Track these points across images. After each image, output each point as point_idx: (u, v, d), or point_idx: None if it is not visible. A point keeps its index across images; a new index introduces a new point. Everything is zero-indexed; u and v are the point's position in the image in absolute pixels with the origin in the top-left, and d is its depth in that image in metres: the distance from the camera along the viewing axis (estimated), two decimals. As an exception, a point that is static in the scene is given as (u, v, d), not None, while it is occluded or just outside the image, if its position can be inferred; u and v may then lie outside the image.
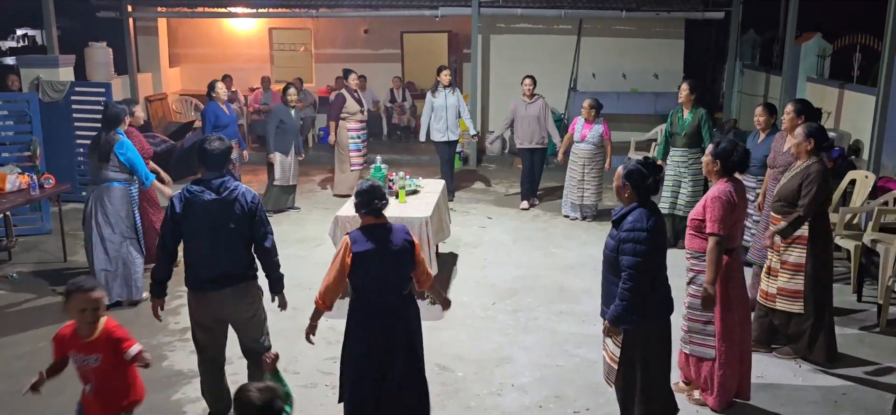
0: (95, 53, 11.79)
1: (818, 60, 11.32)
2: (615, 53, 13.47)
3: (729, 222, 4.41)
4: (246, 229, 4.29)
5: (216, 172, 4.29)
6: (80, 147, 10.09)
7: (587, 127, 8.94)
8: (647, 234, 3.89)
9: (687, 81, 7.93)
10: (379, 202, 4.09)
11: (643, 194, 4.00)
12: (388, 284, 4.05)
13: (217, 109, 8.72)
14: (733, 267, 4.57)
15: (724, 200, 4.42)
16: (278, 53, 15.91)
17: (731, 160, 4.54)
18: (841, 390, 5.07)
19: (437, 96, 9.82)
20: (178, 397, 5.01)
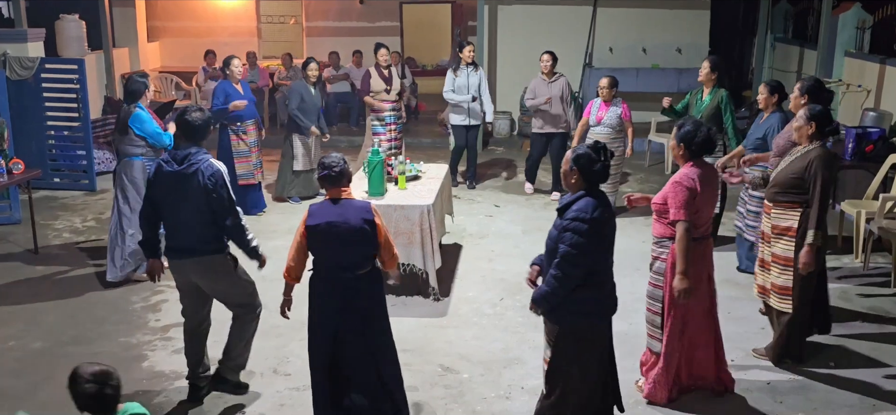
0: (67, 27, 11.78)
1: (857, 33, 11.29)
2: (635, 26, 13.43)
3: (693, 208, 4.53)
4: (204, 204, 4.57)
5: (192, 144, 4.66)
6: (50, 129, 10.13)
7: (604, 108, 8.67)
8: (587, 225, 3.90)
9: (708, 59, 7.79)
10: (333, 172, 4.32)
11: (591, 181, 4.02)
12: (342, 260, 4.29)
13: (229, 88, 8.62)
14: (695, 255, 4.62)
15: (685, 184, 4.54)
16: (266, 26, 15.91)
17: (694, 143, 4.61)
18: (880, 394, 5.09)
19: (459, 75, 9.76)
20: (159, 401, 5.05)
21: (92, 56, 12.18)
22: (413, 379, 5.27)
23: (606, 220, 3.99)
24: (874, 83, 10.03)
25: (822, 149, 5.12)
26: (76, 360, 5.49)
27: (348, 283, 4.30)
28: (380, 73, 9.61)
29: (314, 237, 4.28)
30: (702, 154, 4.65)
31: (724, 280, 6.96)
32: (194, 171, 4.55)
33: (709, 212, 4.68)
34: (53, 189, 10.05)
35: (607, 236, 4.04)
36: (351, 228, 4.23)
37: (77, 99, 9.99)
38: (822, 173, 5.02)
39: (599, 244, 3.99)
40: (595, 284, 4.05)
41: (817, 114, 5.15)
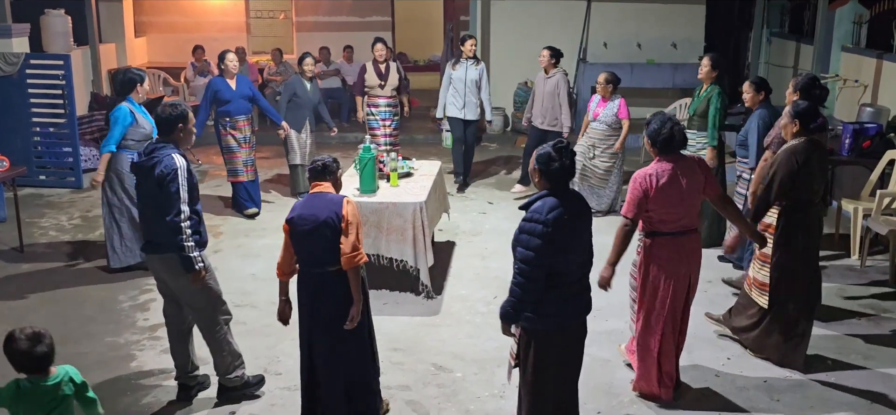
0: (53, 22, 11.74)
1: (854, 28, 11.33)
2: (629, 20, 13.45)
3: (645, 205, 4.60)
4: (159, 199, 4.58)
5: (163, 137, 4.71)
6: (36, 126, 10.09)
7: (601, 104, 8.66)
8: (541, 225, 3.82)
9: (709, 55, 7.70)
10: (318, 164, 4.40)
11: (552, 180, 3.94)
12: (312, 255, 4.30)
13: (218, 83, 8.58)
14: (655, 251, 4.73)
15: (639, 180, 4.62)
16: (255, 21, 15.87)
17: (659, 138, 4.64)
18: (876, 394, 5.11)
19: (458, 69, 9.77)
20: (148, 400, 5.04)
21: (78, 52, 12.13)
22: (405, 378, 5.27)
23: (564, 220, 3.85)
24: (871, 78, 10.06)
25: (792, 146, 5.18)
26: (63, 360, 5.48)
27: (317, 279, 4.30)
28: (375, 68, 9.60)
29: (291, 230, 4.31)
30: (667, 150, 4.65)
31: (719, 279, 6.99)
32: (153, 163, 4.59)
33: (682, 208, 4.66)
34: (39, 186, 10.02)
35: (567, 237, 3.89)
36: (318, 221, 4.22)
37: (63, 95, 9.94)
38: (779, 167, 5.12)
39: (557, 245, 3.85)
40: (557, 287, 3.94)
41: (801, 111, 5.20)
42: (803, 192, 5.19)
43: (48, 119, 10.13)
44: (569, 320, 4.07)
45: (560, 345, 4.08)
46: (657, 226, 4.68)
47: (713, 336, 5.84)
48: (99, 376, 5.30)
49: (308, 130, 9.25)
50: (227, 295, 6.69)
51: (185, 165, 4.60)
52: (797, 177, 5.10)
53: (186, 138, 4.78)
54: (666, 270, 4.74)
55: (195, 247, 4.61)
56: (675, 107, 11.72)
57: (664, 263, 4.73)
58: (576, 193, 4.10)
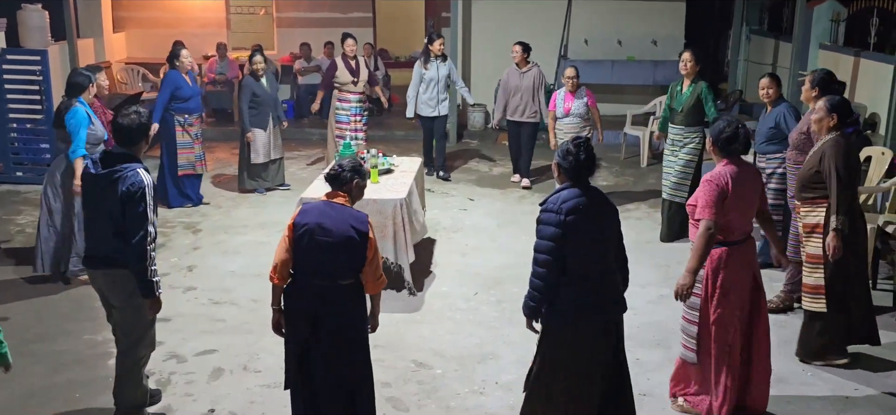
0: (29, 16, 11.59)
1: (832, 26, 11.44)
2: (610, 17, 13.50)
3: (723, 208, 4.38)
4: (119, 215, 4.28)
5: (124, 148, 4.40)
6: (13, 122, 9.99)
7: (570, 99, 8.80)
8: (556, 215, 3.86)
9: (689, 51, 7.74)
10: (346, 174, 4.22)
11: (570, 175, 3.98)
12: (322, 266, 4.04)
13: (178, 79, 8.64)
14: (728, 261, 4.48)
15: (713, 182, 4.43)
16: (236, 17, 15.78)
17: (720, 139, 4.51)
18: (852, 386, 5.17)
19: (429, 68, 9.85)
20: (126, 400, 5.01)
21: (55, 47, 11.99)
22: (386, 375, 5.27)
23: (581, 211, 3.87)
24: (849, 76, 10.16)
25: (834, 138, 5.11)
26: (40, 358, 5.47)
27: (324, 291, 4.05)
28: (346, 64, 9.63)
29: (300, 236, 4.04)
30: (731, 152, 4.51)
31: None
32: (117, 178, 4.27)
33: (745, 214, 4.55)
34: (15, 183, 9.92)
35: (583, 230, 3.88)
36: (339, 233, 4.01)
37: (40, 91, 9.86)
38: (835, 160, 5.02)
39: (573, 238, 3.86)
40: (572, 282, 3.92)
41: (838, 104, 5.14)
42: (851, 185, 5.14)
43: (25, 115, 10.04)
44: (583, 318, 3.99)
45: (572, 344, 4.00)
46: (727, 234, 4.46)
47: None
48: (76, 374, 5.26)
49: (271, 127, 9.33)
50: (207, 292, 6.69)
51: (151, 182, 4.36)
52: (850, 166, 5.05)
53: (145, 150, 4.56)
54: (741, 280, 4.53)
55: (157, 271, 4.38)
56: (654, 103, 11.77)
57: (739, 273, 4.51)
58: (597, 190, 4.07)
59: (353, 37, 9.77)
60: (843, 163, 5.04)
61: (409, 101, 10.07)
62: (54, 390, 5.08)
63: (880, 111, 9.16)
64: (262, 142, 9.27)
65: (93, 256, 4.49)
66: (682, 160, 7.67)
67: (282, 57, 14.99)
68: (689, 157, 7.64)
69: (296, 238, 4.04)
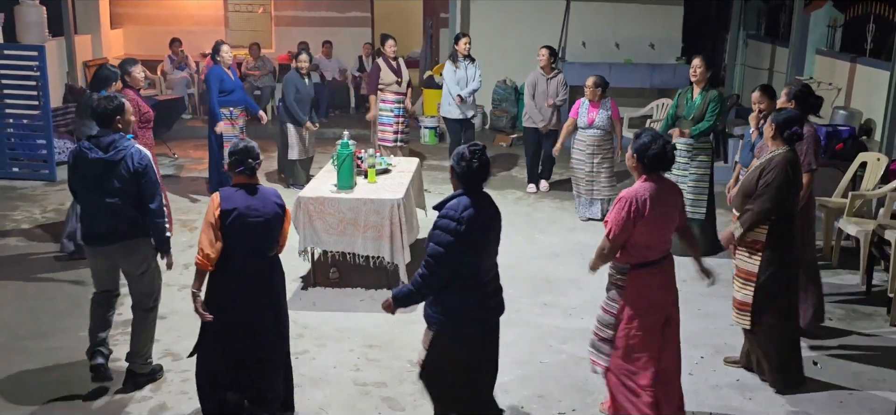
0: (27, 12, 11.58)
1: (828, 31, 11.47)
2: (607, 20, 13.51)
3: (630, 227, 4.23)
4: (132, 189, 4.78)
5: (105, 130, 4.83)
6: (10, 118, 9.97)
7: (593, 109, 8.39)
8: (455, 223, 3.89)
9: (700, 57, 7.36)
10: (253, 162, 4.42)
11: (464, 181, 4.00)
12: (257, 245, 4.40)
13: (221, 73, 8.86)
14: (645, 281, 4.35)
15: (628, 202, 4.23)
16: (234, 15, 15.76)
17: (647, 155, 4.29)
18: (847, 391, 5.18)
19: (459, 67, 9.76)
20: (122, 396, 5.00)
21: (53, 43, 11.98)
22: (382, 375, 5.27)
23: (478, 221, 3.93)
24: (845, 81, 10.19)
25: (786, 154, 4.94)
26: (34, 354, 5.45)
27: (263, 266, 4.46)
28: (389, 65, 9.67)
29: (231, 222, 4.30)
30: (656, 169, 4.32)
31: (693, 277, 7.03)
32: (122, 157, 4.75)
33: (663, 233, 4.38)
34: (12, 179, 9.90)
35: (478, 238, 3.96)
36: (264, 212, 4.38)
37: (37, 87, 9.83)
38: (773, 177, 4.87)
39: (468, 245, 3.92)
40: (462, 289, 4.00)
41: (780, 120, 4.99)
42: (790, 203, 5.01)
43: (22, 111, 10.02)
44: (478, 322, 4.12)
45: (464, 345, 4.11)
46: (643, 254, 4.31)
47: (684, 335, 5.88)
48: (71, 370, 5.25)
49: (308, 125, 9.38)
50: (202, 290, 6.66)
51: (151, 156, 4.92)
52: (790, 188, 4.92)
53: (126, 127, 4.95)
54: (657, 302, 4.40)
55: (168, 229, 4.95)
56: (652, 107, 11.79)
57: (655, 295, 4.38)
58: (488, 196, 4.11)
59: (393, 37, 9.75)
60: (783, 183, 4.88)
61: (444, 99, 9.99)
62: (48, 387, 5.07)
63: (876, 117, 9.19)
64: (298, 138, 9.33)
65: (99, 235, 4.87)
66: (694, 175, 7.34)
67: (280, 55, 14.97)
68: (701, 171, 7.33)
69: (227, 225, 4.31)
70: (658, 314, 4.41)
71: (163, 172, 9.56)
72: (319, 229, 6.40)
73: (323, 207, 6.39)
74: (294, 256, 6.67)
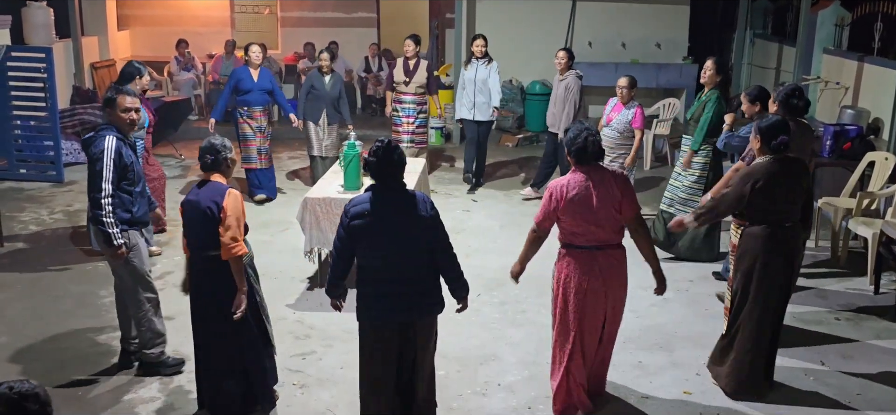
0: (34, 14, 11.63)
1: (836, 30, 11.41)
2: (614, 20, 13.50)
3: (554, 215, 4.51)
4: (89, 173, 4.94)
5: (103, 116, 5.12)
6: (17, 119, 10.00)
7: (617, 110, 8.06)
8: (347, 217, 4.06)
9: (711, 59, 7.30)
10: (209, 158, 4.51)
11: (372, 175, 4.12)
12: (197, 239, 4.51)
13: (241, 73, 9.03)
14: (571, 264, 4.57)
15: (551, 189, 4.52)
16: (240, 16, 15.79)
17: (573, 148, 4.50)
18: (856, 389, 5.16)
19: (468, 69, 9.79)
20: (130, 398, 5.01)
21: (60, 44, 12.03)
22: (388, 376, 5.27)
23: (369, 215, 4.02)
24: (852, 80, 10.15)
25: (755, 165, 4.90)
26: (42, 354, 5.47)
27: (198, 264, 4.54)
28: (404, 65, 9.71)
29: (183, 214, 4.53)
30: (583, 160, 4.49)
31: (700, 277, 7.03)
32: (91, 141, 4.95)
33: (593, 222, 4.47)
34: (19, 180, 9.93)
35: (370, 233, 4.04)
36: (199, 208, 4.41)
37: (44, 88, 9.87)
38: (736, 181, 4.95)
39: (356, 239, 4.06)
40: (368, 282, 4.14)
41: (763, 127, 4.90)
42: (762, 213, 4.86)
43: (29, 112, 10.05)
44: (382, 316, 4.16)
45: (370, 340, 4.22)
46: (570, 238, 4.56)
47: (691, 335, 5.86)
48: (79, 371, 5.26)
49: (325, 122, 9.34)
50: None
51: (114, 146, 4.89)
52: (752, 199, 4.80)
53: (120, 121, 5.03)
54: (577, 283, 4.55)
55: (116, 224, 4.88)
56: (658, 106, 11.76)
57: (575, 276, 4.55)
58: (403, 192, 4.15)
59: (412, 38, 9.67)
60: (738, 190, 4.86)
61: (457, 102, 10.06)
62: (56, 387, 5.08)
63: (884, 116, 9.14)
64: (314, 135, 9.35)
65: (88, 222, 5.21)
66: (691, 177, 7.27)
67: (286, 56, 14.99)
68: (699, 173, 7.23)
69: (182, 215, 4.53)
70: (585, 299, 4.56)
71: (169, 173, 9.59)
72: (326, 230, 6.40)
73: (330, 207, 6.40)
74: (300, 256, 6.68)
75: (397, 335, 4.19)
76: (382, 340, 4.19)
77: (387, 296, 4.11)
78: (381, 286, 4.11)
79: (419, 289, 4.17)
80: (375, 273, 4.11)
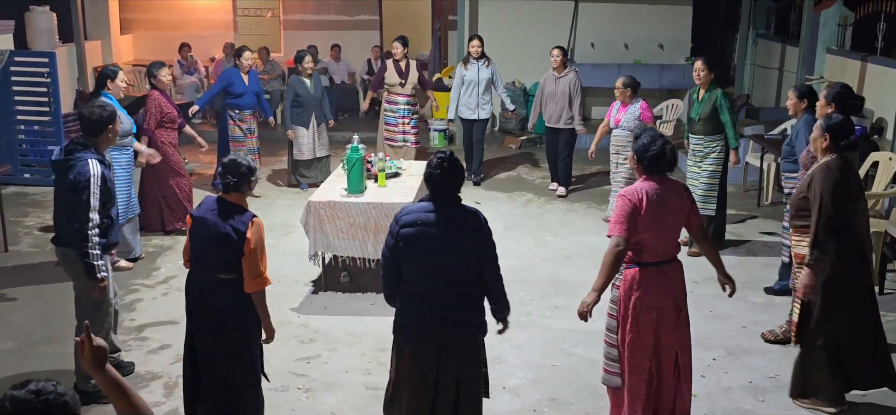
0: (37, 18, 11.65)
1: (839, 30, 11.42)
2: (616, 21, 13.50)
3: (635, 226, 4.15)
4: (67, 199, 4.65)
5: (89, 138, 4.75)
6: (21, 123, 10.02)
7: (622, 110, 8.32)
8: (395, 224, 3.96)
9: (702, 59, 7.46)
10: (230, 179, 4.24)
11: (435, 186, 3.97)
12: (203, 259, 4.29)
13: (233, 76, 9.17)
14: (641, 282, 4.25)
15: (628, 195, 4.21)
16: (242, 19, 15.83)
17: (646, 156, 4.26)
18: (858, 394, 5.15)
19: (469, 69, 9.90)
20: (134, 402, 5.01)
21: (63, 49, 12.05)
22: (393, 379, 5.27)
23: (420, 226, 3.88)
24: (855, 80, 10.14)
25: (826, 163, 4.71)
26: (47, 360, 5.48)
27: (205, 281, 4.27)
28: (396, 67, 9.84)
29: (192, 227, 4.33)
30: (657, 170, 4.27)
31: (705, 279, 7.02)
32: (70, 165, 4.65)
33: (665, 235, 4.28)
34: (23, 185, 9.95)
35: (422, 245, 3.88)
36: (217, 229, 4.18)
37: (48, 93, 9.89)
38: (821, 187, 4.62)
39: (408, 251, 3.90)
40: (407, 295, 4.00)
41: (833, 125, 4.72)
42: (840, 215, 4.66)
43: (33, 117, 10.08)
44: (415, 332, 4.00)
45: (408, 357, 4.02)
46: (638, 254, 4.24)
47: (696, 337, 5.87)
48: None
49: (315, 124, 9.48)
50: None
51: (99, 172, 4.65)
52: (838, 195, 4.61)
53: (111, 141, 4.92)
54: (651, 304, 4.25)
55: (100, 255, 4.69)
56: (661, 107, 11.76)
57: (648, 297, 4.24)
58: (461, 206, 4.01)
59: (401, 40, 9.91)
60: (831, 191, 4.61)
61: (451, 102, 10.18)
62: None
63: (887, 116, 9.15)
64: (305, 140, 9.46)
65: (56, 235, 4.89)
66: (706, 171, 7.42)
67: (288, 60, 15.00)
68: (712, 167, 7.40)
69: (190, 228, 4.31)
70: (656, 318, 4.26)
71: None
72: (330, 234, 6.41)
73: (333, 211, 6.40)
74: (305, 260, 6.69)
75: (433, 354, 3.96)
76: (416, 356, 3.99)
77: (424, 309, 3.96)
78: (418, 299, 3.96)
79: (458, 306, 3.98)
80: (417, 286, 3.95)
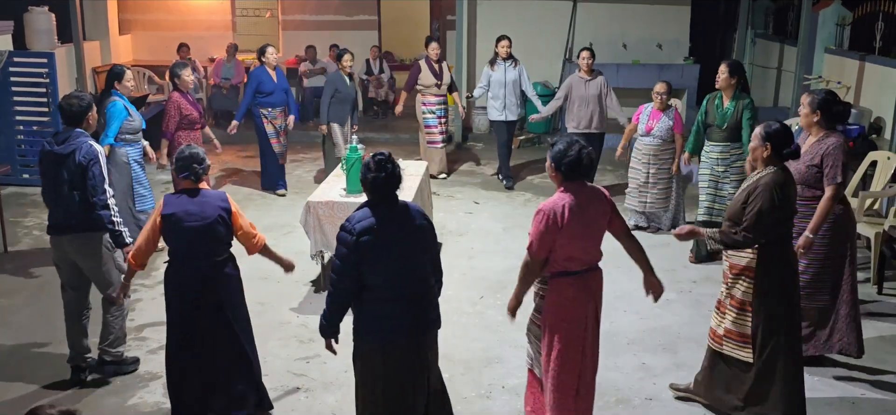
0: (36, 19, 11.62)
1: (837, 29, 11.42)
2: (615, 21, 13.50)
3: (550, 240, 4.04)
4: (80, 182, 4.93)
5: (71, 127, 5.04)
6: (20, 124, 10.02)
7: (655, 117, 7.93)
8: (350, 235, 3.75)
9: (725, 63, 7.12)
10: (199, 167, 4.52)
11: (370, 191, 3.86)
12: (198, 249, 4.48)
13: (262, 75, 9.27)
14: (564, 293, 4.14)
15: (545, 212, 4.06)
16: (241, 20, 15.83)
17: (564, 161, 4.08)
18: (859, 392, 5.17)
19: (496, 70, 9.88)
20: (134, 402, 5.03)
21: (62, 49, 12.02)
22: (392, 379, 5.28)
23: (376, 231, 3.76)
24: (854, 80, 10.16)
25: (773, 174, 4.47)
26: (48, 361, 5.48)
27: (203, 271, 4.50)
28: (430, 67, 9.90)
29: (171, 226, 4.45)
30: (575, 176, 4.10)
31: (705, 278, 7.04)
32: (72, 150, 4.93)
33: (587, 242, 4.14)
34: (23, 185, 9.94)
35: (378, 250, 3.76)
36: (205, 219, 4.45)
37: (47, 93, 9.90)
38: (762, 199, 4.40)
39: (364, 257, 3.75)
40: (374, 301, 3.83)
41: (773, 133, 4.48)
42: (783, 227, 4.56)
43: (32, 117, 10.07)
44: (390, 340, 3.88)
45: (383, 363, 3.88)
46: (565, 264, 4.11)
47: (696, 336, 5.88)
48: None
49: (350, 124, 9.53)
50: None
51: (101, 150, 5.05)
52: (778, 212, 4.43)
53: (91, 127, 5.18)
54: (573, 314, 4.15)
55: (123, 222, 5.06)
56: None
57: (571, 306, 4.14)
58: (406, 206, 3.95)
59: (437, 40, 10.01)
60: (768, 209, 4.40)
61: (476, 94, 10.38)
62: (62, 392, 5.10)
63: (885, 116, 9.16)
64: (340, 136, 9.47)
65: (58, 225, 5.06)
66: (733, 181, 7.01)
67: (287, 60, 15.01)
68: (739, 176, 6.92)
69: (166, 229, 4.48)
70: (577, 329, 4.18)
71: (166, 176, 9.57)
72: (329, 233, 6.42)
73: (332, 211, 6.41)
74: (305, 260, 6.69)
75: (413, 356, 3.93)
76: (394, 360, 3.89)
77: (396, 315, 3.87)
78: (391, 305, 3.86)
79: (426, 304, 3.98)
80: (385, 290, 3.84)
